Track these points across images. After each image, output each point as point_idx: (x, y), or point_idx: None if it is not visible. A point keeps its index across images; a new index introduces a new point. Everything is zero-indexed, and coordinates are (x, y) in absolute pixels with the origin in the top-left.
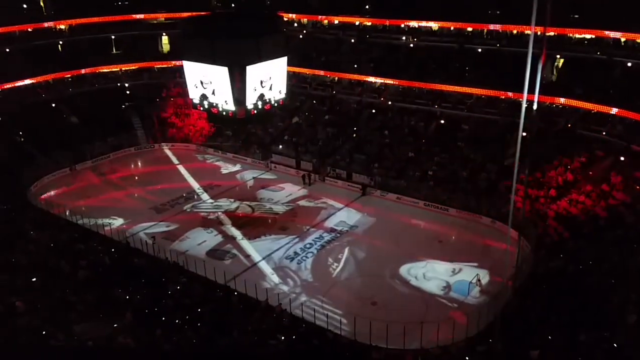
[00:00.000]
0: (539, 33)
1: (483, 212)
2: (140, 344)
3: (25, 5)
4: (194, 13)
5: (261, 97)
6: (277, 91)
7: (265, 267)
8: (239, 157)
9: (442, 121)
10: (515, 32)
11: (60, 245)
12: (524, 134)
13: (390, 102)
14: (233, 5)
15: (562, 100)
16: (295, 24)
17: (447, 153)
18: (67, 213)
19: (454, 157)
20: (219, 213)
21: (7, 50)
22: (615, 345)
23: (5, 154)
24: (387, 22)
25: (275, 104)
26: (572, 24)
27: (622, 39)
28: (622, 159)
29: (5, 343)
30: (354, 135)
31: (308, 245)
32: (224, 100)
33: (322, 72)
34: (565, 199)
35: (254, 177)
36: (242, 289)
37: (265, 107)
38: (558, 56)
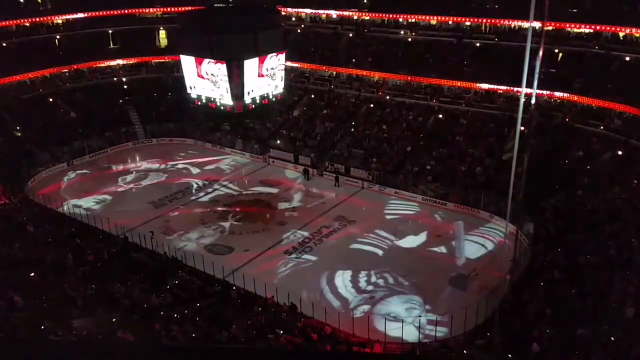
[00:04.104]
0: (537, 27)
1: (481, 206)
2: (139, 338)
3: (22, 0)
4: (192, 7)
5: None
6: (275, 85)
7: (263, 261)
8: (236, 151)
9: (440, 115)
10: (513, 26)
11: (59, 240)
12: (522, 128)
13: (388, 97)
14: None
15: (560, 94)
16: (294, 18)
17: (446, 147)
18: (65, 208)
19: (452, 152)
20: (217, 207)
21: (4, 44)
22: (613, 339)
23: (2, 149)
24: (386, 17)
25: (273, 99)
26: (571, 18)
27: (621, 34)
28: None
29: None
30: (352, 129)
31: (307, 240)
32: (222, 95)
33: (320, 67)
34: None
35: (251, 172)
36: (241, 283)
37: (264, 101)
38: (556, 50)
